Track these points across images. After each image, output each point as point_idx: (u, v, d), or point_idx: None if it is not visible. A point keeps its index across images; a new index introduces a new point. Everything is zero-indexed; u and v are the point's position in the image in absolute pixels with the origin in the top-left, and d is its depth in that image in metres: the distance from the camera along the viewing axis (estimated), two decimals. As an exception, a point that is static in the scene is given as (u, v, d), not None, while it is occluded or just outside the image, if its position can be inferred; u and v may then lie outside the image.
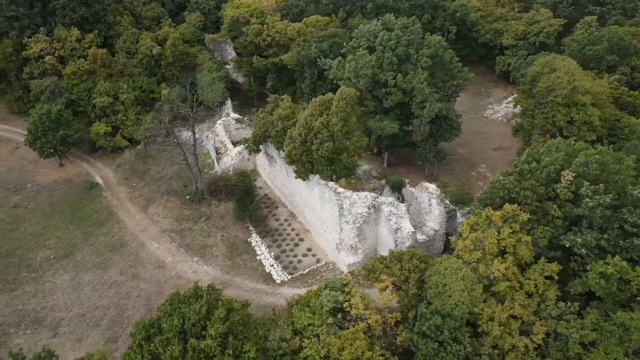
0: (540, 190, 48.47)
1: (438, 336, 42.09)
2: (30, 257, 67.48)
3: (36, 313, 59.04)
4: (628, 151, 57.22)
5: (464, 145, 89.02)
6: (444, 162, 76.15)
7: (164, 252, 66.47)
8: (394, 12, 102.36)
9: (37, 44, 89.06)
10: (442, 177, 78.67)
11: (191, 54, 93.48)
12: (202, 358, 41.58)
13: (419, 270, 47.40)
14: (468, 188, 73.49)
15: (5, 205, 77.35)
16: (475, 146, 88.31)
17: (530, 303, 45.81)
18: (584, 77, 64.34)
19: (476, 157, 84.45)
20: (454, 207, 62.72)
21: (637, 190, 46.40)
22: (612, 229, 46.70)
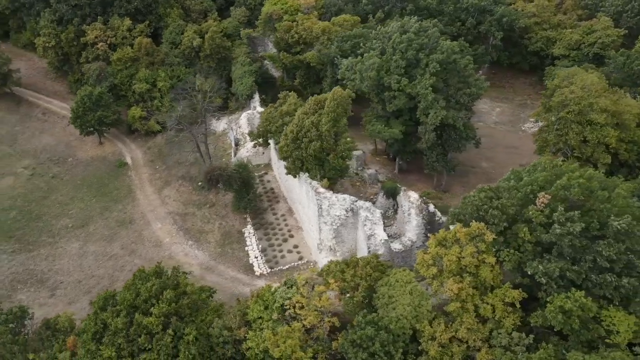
0: (511, 210, 45.49)
1: (369, 347, 41.24)
2: (52, 223, 74.65)
3: (42, 274, 65.43)
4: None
5: (490, 158, 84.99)
6: (453, 173, 73.20)
7: (164, 232, 70.50)
8: (437, 14, 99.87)
9: (93, 32, 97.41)
10: (454, 189, 75.79)
11: (228, 48, 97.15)
12: (145, 333, 44.06)
13: (372, 278, 46.49)
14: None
15: (46, 175, 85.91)
16: (500, 160, 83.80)
17: (480, 328, 43.33)
18: (604, 94, 58.62)
19: (497, 172, 80.00)
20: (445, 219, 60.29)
21: (617, 222, 42.04)
22: (584, 261, 42.82)
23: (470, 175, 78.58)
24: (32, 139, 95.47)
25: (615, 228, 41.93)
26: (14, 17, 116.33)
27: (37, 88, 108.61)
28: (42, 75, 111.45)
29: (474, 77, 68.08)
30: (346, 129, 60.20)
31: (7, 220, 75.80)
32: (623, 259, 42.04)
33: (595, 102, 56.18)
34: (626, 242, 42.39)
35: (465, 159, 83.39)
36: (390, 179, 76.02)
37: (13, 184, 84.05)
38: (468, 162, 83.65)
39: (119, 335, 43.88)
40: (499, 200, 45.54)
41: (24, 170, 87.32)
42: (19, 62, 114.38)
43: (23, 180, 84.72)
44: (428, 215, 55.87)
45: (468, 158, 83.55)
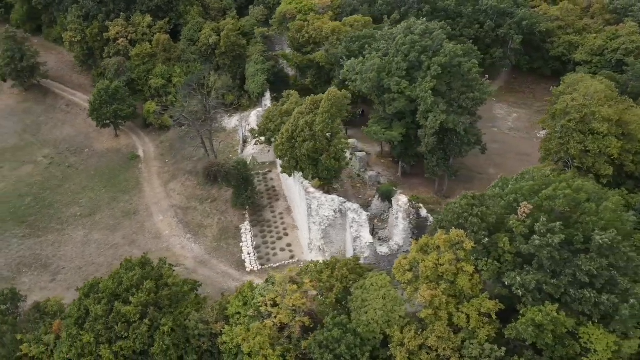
0: (491, 219, 44.46)
1: (335, 349, 41.21)
2: (62, 211, 77.76)
3: (47, 259, 68.29)
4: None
5: (499, 165, 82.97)
6: (454, 178, 71.89)
7: (164, 225, 72.29)
8: (455, 16, 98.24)
9: (115, 27, 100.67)
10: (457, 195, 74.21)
11: (243, 46, 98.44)
12: (123, 322, 45.44)
13: (348, 281, 46.37)
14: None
15: (62, 165, 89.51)
16: (510, 167, 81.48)
17: (452, 337, 42.56)
18: (610, 102, 56.19)
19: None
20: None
21: (601, 236, 40.42)
22: (565, 275, 41.39)
23: (475, 181, 76.89)
24: (54, 129, 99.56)
25: (598, 242, 40.39)
26: (46, 12, 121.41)
27: (63, 81, 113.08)
28: (69, 68, 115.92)
29: (478, 82, 66.60)
30: (340, 129, 60.16)
31: (22, 206, 79.44)
32: (604, 275, 40.49)
33: (598, 111, 54.04)
34: (610, 257, 40.84)
35: (473, 165, 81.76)
36: (392, 182, 75.40)
37: (32, 172, 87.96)
38: (475, 168, 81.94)
39: (99, 322, 45.44)
40: (480, 208, 44.56)
41: (43, 159, 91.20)
42: (49, 55, 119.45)
43: (41, 169, 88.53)
44: (416, 220, 55.17)
45: (475, 164, 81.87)
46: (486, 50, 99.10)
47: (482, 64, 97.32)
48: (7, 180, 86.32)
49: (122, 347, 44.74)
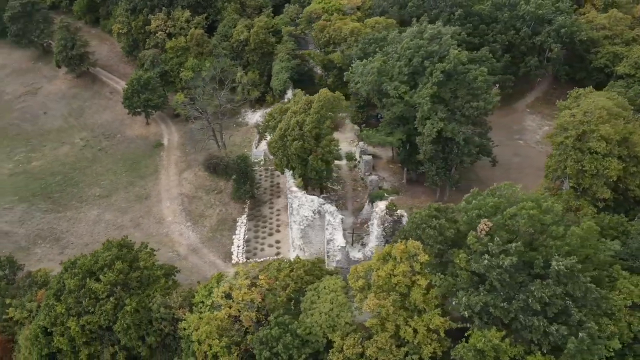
0: (448, 233, 42.94)
1: (273, 347, 41.74)
2: (84, 190, 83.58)
3: (60, 234, 73.84)
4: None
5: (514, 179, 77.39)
6: (454, 189, 69.48)
7: (169, 211, 75.75)
8: (490, 21, 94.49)
9: (156, 21, 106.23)
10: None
11: (271, 43, 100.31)
12: (91, 297, 48.57)
13: (304, 282, 46.63)
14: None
15: (95, 148, 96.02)
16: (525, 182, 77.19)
17: (394, 350, 41.71)
18: (616, 120, 51.83)
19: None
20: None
21: (558, 263, 37.94)
22: (517, 300, 39.26)
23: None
24: (95, 114, 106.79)
25: (554, 268, 37.99)
26: (103, 4, 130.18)
27: (111, 69, 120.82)
28: (118, 58, 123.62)
29: (483, 90, 63.86)
30: (329, 131, 60.12)
31: (52, 183, 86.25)
32: (558, 304, 38.05)
33: (597, 129, 50.26)
34: (568, 285, 38.26)
35: (486, 177, 78.39)
36: (394, 188, 74.32)
37: (67, 152, 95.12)
38: (487, 181, 78.13)
39: (71, 295, 48.88)
40: (438, 221, 43.18)
41: (80, 141, 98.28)
42: (103, 45, 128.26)
43: (76, 150, 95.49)
44: (392, 227, 54.06)
45: (489, 176, 78.42)
46: (521, 58, 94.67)
47: (516, 73, 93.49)
48: (45, 159, 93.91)
49: (88, 321, 47.86)
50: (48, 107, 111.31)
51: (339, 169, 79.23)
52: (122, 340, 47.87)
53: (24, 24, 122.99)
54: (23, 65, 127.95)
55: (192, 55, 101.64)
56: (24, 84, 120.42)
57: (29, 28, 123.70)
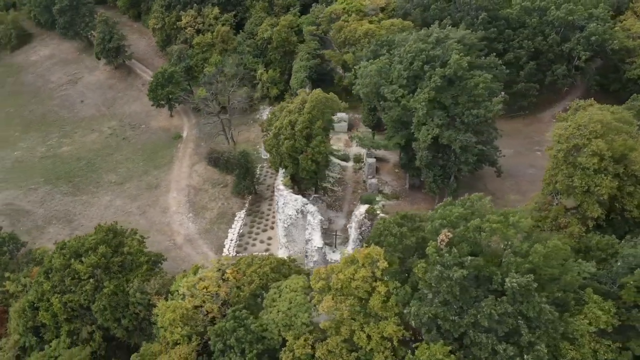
0: (409, 241, 42.13)
1: (227, 339, 42.62)
2: (102, 176, 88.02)
3: (73, 216, 78.22)
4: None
5: (524, 192, 76.03)
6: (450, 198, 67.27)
7: (174, 201, 78.46)
8: (518, 26, 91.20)
9: (186, 17, 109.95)
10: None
11: (293, 42, 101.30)
12: (75, 277, 51.39)
13: (270, 279, 47.24)
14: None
15: (119, 136, 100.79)
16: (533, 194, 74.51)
17: (344, 354, 41.48)
18: (612, 135, 48.63)
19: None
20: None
21: (511, 280, 36.48)
22: (468, 314, 38.08)
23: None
24: (125, 104, 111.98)
25: (508, 286, 36.58)
26: (144, 0, 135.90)
27: (146, 63, 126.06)
28: (153, 52, 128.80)
29: (484, 97, 61.79)
30: (320, 131, 60.20)
31: (75, 167, 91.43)
32: (508, 322, 36.58)
33: (589, 144, 47.56)
34: (523, 304, 36.72)
35: (495, 188, 75.91)
36: (395, 193, 73.44)
37: (95, 140, 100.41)
38: (497, 192, 75.88)
39: (57, 274, 51.91)
40: (400, 228, 42.48)
41: (107, 129, 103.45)
42: (142, 39, 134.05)
43: (102, 138, 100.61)
44: (369, 231, 53.53)
45: (497, 187, 76.09)
46: (549, 66, 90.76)
47: (542, 81, 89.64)
48: (74, 145, 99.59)
49: (70, 300, 50.67)
50: (85, 96, 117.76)
51: (343, 170, 79.29)
52: (99, 320, 50.36)
53: (70, 17, 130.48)
54: (69, 56, 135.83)
55: (216, 52, 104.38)
56: (67, 73, 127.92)
57: (75, 21, 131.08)
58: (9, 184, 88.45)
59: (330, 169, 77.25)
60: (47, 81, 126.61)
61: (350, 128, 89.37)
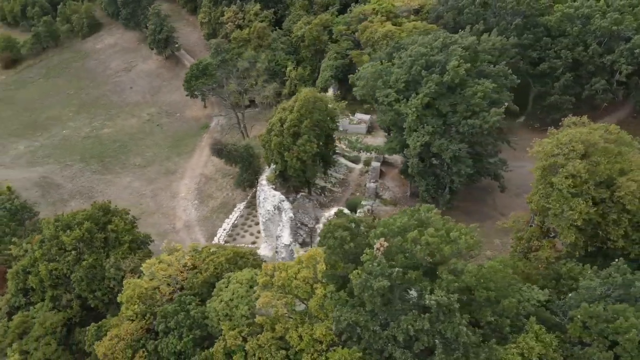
0: (347, 246, 41.50)
1: (168, 322, 44.50)
2: (130, 159, 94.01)
3: (94, 192, 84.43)
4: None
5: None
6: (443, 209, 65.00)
7: (184, 188, 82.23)
8: (557, 34, 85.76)
9: (228, 13, 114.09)
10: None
11: (324, 41, 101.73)
12: (61, 248, 55.77)
13: (224, 269, 48.58)
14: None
15: (155, 123, 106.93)
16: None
17: (273, 351, 41.81)
18: (598, 156, 44.43)
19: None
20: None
21: (431, 298, 35.08)
22: (389, 328, 37.04)
23: (487, 221, 68.05)
24: (167, 93, 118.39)
25: (426, 303, 35.25)
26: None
27: (194, 54, 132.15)
28: (202, 45, 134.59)
29: (482, 107, 58.91)
30: (307, 131, 60.39)
31: (109, 148, 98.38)
32: (424, 340, 35.23)
33: (565, 164, 44.08)
34: (445, 323, 35.23)
35: (503, 204, 72.25)
36: (393, 199, 72.13)
37: (133, 124, 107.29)
38: (504, 208, 72.00)
39: (47, 243, 56.61)
40: (342, 232, 41.98)
41: (146, 115, 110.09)
42: (194, 32, 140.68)
43: (140, 123, 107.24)
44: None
45: (507, 203, 72.23)
46: (588, 79, 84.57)
47: (579, 95, 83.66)
48: (115, 128, 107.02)
49: (54, 268, 55.10)
50: (135, 83, 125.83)
51: (349, 171, 79.00)
52: (76, 289, 54.37)
53: (132, 9, 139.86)
54: (129, 45, 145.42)
55: (251, 47, 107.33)
56: (125, 61, 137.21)
57: (136, 12, 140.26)
58: (50, 159, 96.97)
59: (335, 169, 77.33)
60: (106, 67, 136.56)
61: (371, 130, 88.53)
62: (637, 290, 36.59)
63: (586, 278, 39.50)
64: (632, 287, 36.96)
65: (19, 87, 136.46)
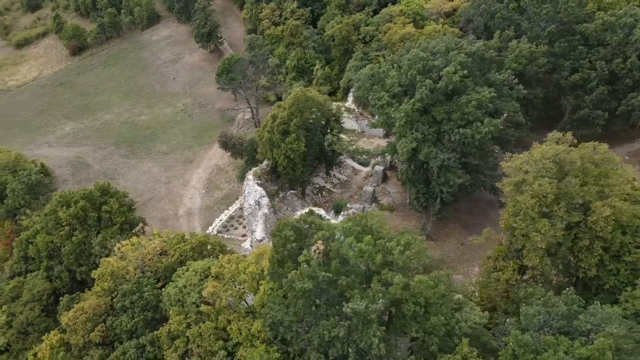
0: (290, 246, 41.44)
1: (124, 301, 46.75)
2: (156, 145, 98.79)
3: (117, 175, 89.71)
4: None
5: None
6: (434, 219, 62.94)
7: (196, 177, 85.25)
8: (596, 44, 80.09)
9: (266, 10, 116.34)
10: (448, 242, 65.22)
11: (352, 41, 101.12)
12: (57, 222, 60.03)
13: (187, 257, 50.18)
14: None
15: (187, 113, 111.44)
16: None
17: (212, 340, 42.72)
18: (575, 175, 40.84)
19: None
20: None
21: (347, 306, 34.42)
22: (311, 331, 36.75)
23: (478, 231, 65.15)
24: (204, 85, 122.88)
25: (344, 311, 34.71)
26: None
27: (237, 49, 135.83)
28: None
29: (476, 116, 56.16)
30: (295, 129, 60.56)
31: (141, 135, 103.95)
32: (337, 347, 34.72)
33: (532, 182, 41.21)
34: (363, 333, 34.56)
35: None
36: (390, 205, 70.74)
37: (167, 113, 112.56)
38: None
39: (47, 216, 61.17)
40: (285, 232, 42.03)
41: (180, 105, 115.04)
42: (240, 27, 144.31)
43: (174, 112, 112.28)
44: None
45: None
46: (625, 94, 78.44)
47: (613, 111, 77.69)
48: (151, 115, 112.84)
49: (50, 241, 59.48)
50: (178, 74, 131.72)
51: (355, 174, 78.44)
52: (65, 262, 58.37)
53: (185, 3, 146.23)
54: (181, 38, 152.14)
55: (283, 45, 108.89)
56: (174, 53, 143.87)
57: (188, 7, 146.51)
58: (88, 140, 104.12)
59: (340, 170, 77.08)
60: (156, 58, 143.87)
61: (388, 134, 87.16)
62: (579, 323, 33.70)
63: (532, 304, 36.88)
64: (575, 319, 34.07)
65: (80, 72, 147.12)
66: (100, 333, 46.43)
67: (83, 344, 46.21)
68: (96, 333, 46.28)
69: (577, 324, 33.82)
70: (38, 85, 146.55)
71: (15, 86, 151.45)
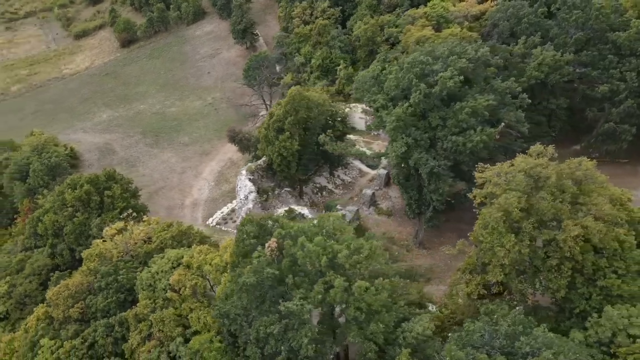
0: (248, 242, 42.05)
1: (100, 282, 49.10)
2: (179, 136, 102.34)
3: (138, 162, 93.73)
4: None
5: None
6: (425, 227, 61.44)
7: (209, 169, 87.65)
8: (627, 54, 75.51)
9: (297, 9, 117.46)
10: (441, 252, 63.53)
11: (377, 42, 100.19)
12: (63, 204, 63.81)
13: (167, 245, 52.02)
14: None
15: (213, 106, 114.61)
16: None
17: (172, 327, 44.10)
18: (550, 191, 38.55)
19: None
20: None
21: (285, 305, 34.54)
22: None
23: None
24: (235, 81, 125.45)
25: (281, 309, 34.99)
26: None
27: (271, 46, 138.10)
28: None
29: (469, 124, 54.34)
30: (290, 127, 60.98)
31: (167, 125, 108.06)
32: (271, 344, 35.15)
33: (499, 195, 39.49)
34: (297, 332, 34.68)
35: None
36: (389, 210, 69.83)
37: (195, 106, 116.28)
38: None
39: (56, 198, 65.16)
40: (248, 227, 42.66)
41: (209, 99, 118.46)
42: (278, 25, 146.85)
43: (202, 106, 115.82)
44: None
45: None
46: (654, 110, 73.52)
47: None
48: (180, 107, 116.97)
49: (55, 220, 63.40)
50: (214, 69, 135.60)
51: (360, 175, 78.11)
52: (66, 241, 62.00)
53: (226, 0, 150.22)
54: (222, 34, 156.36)
55: (310, 44, 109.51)
56: (212, 48, 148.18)
57: (229, 4, 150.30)
58: (119, 128, 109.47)
59: (345, 171, 77.03)
60: (196, 52, 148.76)
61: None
62: (521, 345, 32.11)
63: (480, 320, 35.49)
64: (517, 340, 32.50)
65: (126, 64, 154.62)
66: (78, 309, 49.00)
67: (63, 318, 48.95)
68: (75, 309, 48.87)
69: (519, 345, 32.25)
70: (88, 74, 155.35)
71: (69, 74, 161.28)
